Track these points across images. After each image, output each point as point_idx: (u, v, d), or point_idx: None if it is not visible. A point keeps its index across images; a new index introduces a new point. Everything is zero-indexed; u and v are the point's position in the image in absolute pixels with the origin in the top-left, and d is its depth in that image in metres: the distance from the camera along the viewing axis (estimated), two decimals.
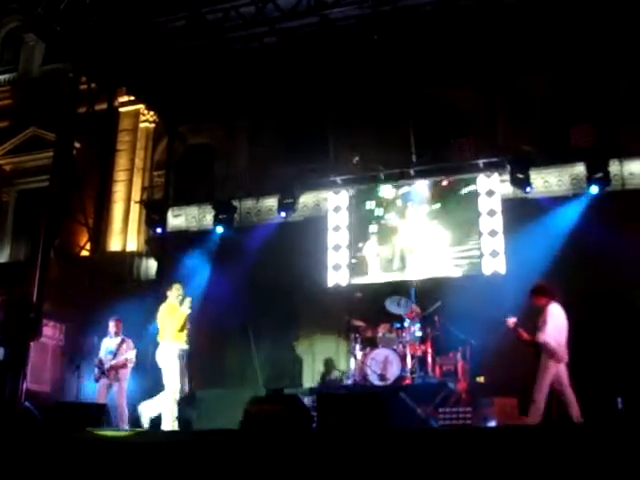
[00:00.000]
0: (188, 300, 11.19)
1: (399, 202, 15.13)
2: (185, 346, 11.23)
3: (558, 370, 9.51)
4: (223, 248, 15.61)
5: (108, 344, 11.89)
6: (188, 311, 11.11)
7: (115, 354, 11.71)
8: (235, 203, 16.14)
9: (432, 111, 16.50)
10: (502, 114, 16.18)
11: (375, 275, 14.91)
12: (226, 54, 14.58)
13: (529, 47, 14.14)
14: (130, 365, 11.81)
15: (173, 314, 11.10)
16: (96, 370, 11.74)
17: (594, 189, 13.62)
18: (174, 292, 11.33)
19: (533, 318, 10.38)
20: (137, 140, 20.11)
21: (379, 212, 15.19)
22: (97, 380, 11.72)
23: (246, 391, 12.17)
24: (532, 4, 13.06)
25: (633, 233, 12.99)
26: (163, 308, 11.28)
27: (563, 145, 14.93)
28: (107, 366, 11.64)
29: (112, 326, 11.97)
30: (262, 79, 15.33)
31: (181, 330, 11.06)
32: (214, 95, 15.99)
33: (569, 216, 13.86)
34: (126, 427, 11.19)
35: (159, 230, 16.36)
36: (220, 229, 15.64)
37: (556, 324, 9.62)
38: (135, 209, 19.18)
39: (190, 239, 16.86)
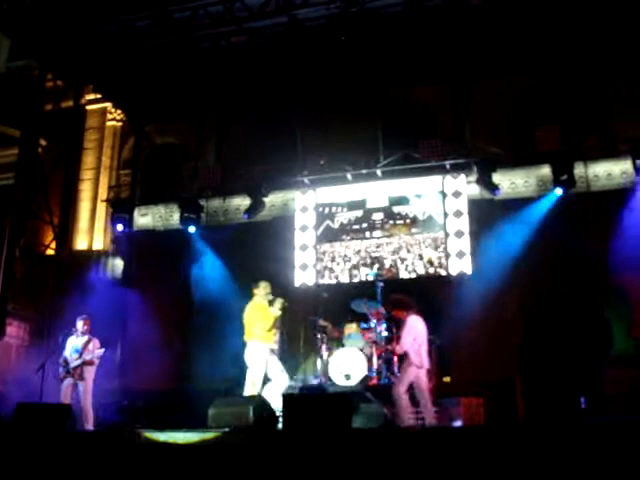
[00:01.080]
0: (280, 301, 10.68)
1: (367, 202, 15.18)
2: (274, 345, 10.82)
3: (418, 375, 10.24)
4: (190, 247, 15.55)
5: (74, 343, 11.71)
6: (278, 313, 10.65)
7: (81, 353, 11.57)
8: (202, 202, 16.08)
9: (400, 112, 16.52)
10: (470, 116, 16.23)
11: (342, 275, 14.94)
12: (194, 53, 14.54)
13: (497, 49, 14.27)
14: (96, 363, 11.69)
15: (263, 314, 10.60)
16: (61, 369, 11.58)
17: (559, 191, 13.78)
18: (261, 290, 10.82)
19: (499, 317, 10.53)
20: (104, 138, 19.90)
21: (346, 212, 15.21)
22: (62, 380, 11.55)
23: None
24: (500, 7, 13.18)
25: (597, 234, 13.16)
26: (251, 307, 10.77)
27: (530, 147, 15.02)
28: (72, 365, 11.50)
29: (81, 325, 11.77)
30: (230, 78, 15.32)
31: (269, 330, 10.62)
32: (182, 94, 15.96)
33: (535, 217, 14.02)
34: (91, 428, 11.08)
35: (125, 229, 16.24)
36: (192, 229, 15.60)
37: (415, 335, 10.38)
38: (102, 208, 18.99)
39: (157, 238, 16.78)
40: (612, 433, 7.01)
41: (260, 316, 10.59)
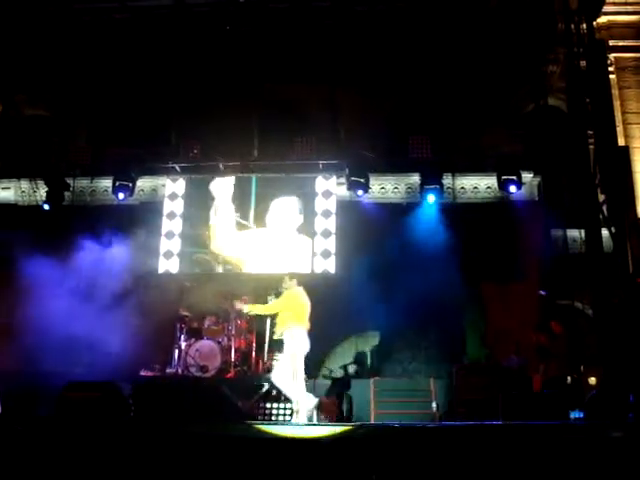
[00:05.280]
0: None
1: (238, 196, 15.05)
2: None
3: None
4: (52, 227, 14.98)
5: None
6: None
7: None
8: (69, 181, 15.59)
9: (278, 107, 16.51)
10: (346, 119, 16.43)
11: (207, 266, 14.76)
12: (73, 25, 14.12)
13: (378, 56, 14.49)
14: None
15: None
16: None
17: (431, 198, 14.16)
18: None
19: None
20: None
21: (217, 204, 15.04)
22: None
23: None
24: (383, 15, 13.42)
25: (459, 244, 13.59)
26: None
27: (402, 154, 15.34)
28: None
29: None
30: (109, 55, 14.94)
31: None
32: (57, 67, 15.42)
33: (403, 222, 14.36)
34: None
35: None
36: (47, 206, 15.10)
37: None
38: None
39: (18, 214, 16.12)
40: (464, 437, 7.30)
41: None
